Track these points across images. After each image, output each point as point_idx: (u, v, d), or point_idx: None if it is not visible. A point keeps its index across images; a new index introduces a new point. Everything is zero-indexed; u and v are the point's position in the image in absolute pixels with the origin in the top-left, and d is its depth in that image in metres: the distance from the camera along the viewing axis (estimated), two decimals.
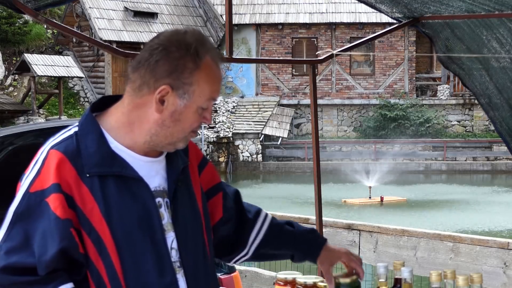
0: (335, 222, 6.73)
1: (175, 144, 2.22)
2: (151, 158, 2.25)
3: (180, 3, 37.37)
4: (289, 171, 32.61)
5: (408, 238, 6.10)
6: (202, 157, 2.46)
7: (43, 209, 2.09)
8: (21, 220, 2.10)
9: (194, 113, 2.19)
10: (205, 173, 2.44)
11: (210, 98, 2.19)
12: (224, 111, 34.58)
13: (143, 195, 2.19)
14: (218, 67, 2.21)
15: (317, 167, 4.75)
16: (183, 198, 2.28)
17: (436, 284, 2.52)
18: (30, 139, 4.15)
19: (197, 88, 2.17)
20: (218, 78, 2.21)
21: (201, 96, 2.18)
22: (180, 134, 2.20)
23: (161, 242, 2.20)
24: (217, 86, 2.21)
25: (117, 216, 2.14)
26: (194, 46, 2.17)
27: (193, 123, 2.20)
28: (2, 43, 34.37)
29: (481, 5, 3.93)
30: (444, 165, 33.05)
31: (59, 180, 2.11)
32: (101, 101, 2.28)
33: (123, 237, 2.14)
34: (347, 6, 36.02)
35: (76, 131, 2.22)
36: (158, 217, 2.20)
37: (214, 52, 2.21)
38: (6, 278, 2.07)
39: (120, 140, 2.20)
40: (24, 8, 3.89)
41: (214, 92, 2.20)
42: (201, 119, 2.21)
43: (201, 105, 2.19)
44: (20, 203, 2.13)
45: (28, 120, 31.37)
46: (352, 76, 36.00)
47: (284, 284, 2.77)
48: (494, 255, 5.56)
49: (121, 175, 2.17)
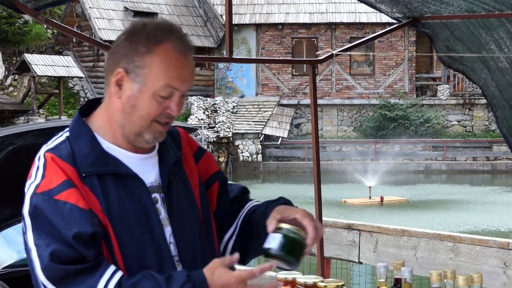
0: (335, 222, 6.73)
1: (143, 135, 2.19)
2: (144, 154, 2.26)
3: (180, 3, 37.38)
4: (289, 171, 32.61)
5: (408, 238, 6.10)
6: (198, 147, 2.45)
7: (53, 206, 2.10)
8: (36, 219, 2.12)
9: (150, 99, 2.16)
10: (202, 162, 2.43)
11: (167, 85, 2.15)
12: (224, 111, 34.58)
13: (140, 191, 2.21)
14: (180, 55, 2.17)
15: (317, 167, 4.75)
16: (178, 192, 2.29)
17: (436, 284, 2.52)
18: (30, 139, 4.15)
19: (149, 72, 2.15)
20: (176, 66, 2.16)
21: (155, 81, 2.15)
22: (142, 123, 2.17)
23: (160, 237, 2.21)
24: (175, 73, 2.16)
25: (117, 213, 2.16)
26: (154, 31, 2.17)
27: (151, 111, 2.16)
28: (2, 43, 34.38)
29: (481, 4, 3.93)
30: (444, 165, 33.06)
31: (67, 176, 2.14)
32: (88, 105, 2.29)
33: (124, 233, 2.16)
34: (347, 6, 36.02)
35: (67, 136, 2.24)
36: (155, 213, 2.22)
37: (179, 41, 2.18)
38: (55, 267, 2.06)
39: (108, 139, 2.23)
40: (24, 8, 3.89)
41: (172, 79, 2.15)
42: (161, 108, 2.17)
43: (157, 92, 2.15)
44: (30, 204, 2.14)
45: (28, 120, 31.37)
46: (352, 76, 36.01)
47: (284, 284, 2.76)
48: (494, 255, 5.56)
49: (116, 173, 2.19)
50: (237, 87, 36.08)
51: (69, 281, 2.07)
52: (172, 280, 2.07)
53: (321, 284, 2.71)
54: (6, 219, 4.51)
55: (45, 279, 2.08)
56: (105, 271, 2.07)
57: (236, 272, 2.10)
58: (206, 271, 2.09)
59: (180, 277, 2.07)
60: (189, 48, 2.21)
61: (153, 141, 2.23)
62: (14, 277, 4.74)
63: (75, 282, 2.06)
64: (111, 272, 2.08)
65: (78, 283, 2.06)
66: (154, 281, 2.07)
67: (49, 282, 2.08)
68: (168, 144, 2.33)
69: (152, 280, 2.07)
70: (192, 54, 2.23)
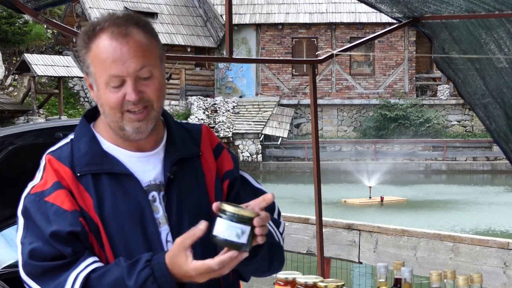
0: (335, 222, 6.72)
1: (124, 128, 2.20)
2: (146, 152, 2.27)
3: (180, 3, 37.37)
4: (289, 171, 32.62)
5: (408, 238, 6.10)
6: (218, 143, 2.43)
7: (41, 206, 2.16)
8: (26, 218, 2.18)
9: (106, 93, 2.18)
10: (220, 159, 2.42)
11: (110, 76, 2.15)
12: (224, 111, 34.59)
13: (134, 190, 2.22)
14: (114, 42, 2.15)
15: (317, 167, 4.75)
16: (181, 190, 2.28)
17: (436, 284, 2.52)
18: (30, 139, 4.15)
19: (94, 69, 2.18)
20: (110, 54, 2.15)
21: (101, 75, 2.17)
22: (114, 117, 2.19)
23: (154, 235, 2.22)
24: (111, 62, 2.15)
25: (109, 211, 2.19)
26: (90, 28, 2.19)
27: (111, 103, 2.17)
28: (2, 43, 34.39)
29: (482, 4, 3.93)
30: (444, 165, 33.06)
31: (58, 178, 2.19)
32: (95, 108, 2.31)
33: (116, 231, 2.19)
34: (347, 6, 36.04)
35: (72, 138, 2.29)
36: (150, 211, 2.22)
37: (113, 26, 2.16)
38: (33, 264, 2.13)
39: (109, 139, 2.26)
40: (24, 8, 3.89)
41: (112, 69, 2.15)
42: (120, 98, 2.16)
43: (108, 84, 2.17)
44: (22, 203, 2.21)
45: (28, 120, 31.38)
46: (352, 76, 36.01)
47: (284, 284, 2.76)
48: (494, 255, 5.56)
49: (112, 172, 2.22)
50: (237, 87, 36.09)
51: (47, 277, 2.13)
52: (135, 266, 2.09)
53: (321, 284, 2.71)
54: (6, 219, 4.51)
55: (24, 275, 2.15)
56: (79, 265, 2.12)
57: (194, 266, 2.06)
58: (167, 257, 2.08)
59: (140, 262, 2.09)
60: (127, 27, 2.17)
61: (136, 132, 2.21)
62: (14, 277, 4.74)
63: (52, 278, 2.12)
64: (84, 265, 2.12)
65: (54, 278, 2.12)
66: (120, 269, 2.10)
67: (29, 278, 2.15)
68: (180, 141, 2.33)
69: (119, 267, 2.11)
70: (135, 29, 2.18)
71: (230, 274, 2.34)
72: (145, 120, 2.19)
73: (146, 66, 2.17)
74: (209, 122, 33.58)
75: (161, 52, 2.24)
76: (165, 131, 2.33)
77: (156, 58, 2.21)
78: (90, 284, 2.10)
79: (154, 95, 2.18)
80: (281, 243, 2.42)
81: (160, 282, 2.06)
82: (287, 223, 6.37)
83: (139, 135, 2.21)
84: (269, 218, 2.11)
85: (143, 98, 2.17)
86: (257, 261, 2.22)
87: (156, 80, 2.19)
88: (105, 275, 2.10)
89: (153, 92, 2.18)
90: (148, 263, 2.08)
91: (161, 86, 2.21)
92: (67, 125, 4.54)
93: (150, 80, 2.18)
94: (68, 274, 2.11)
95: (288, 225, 6.38)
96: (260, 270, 2.34)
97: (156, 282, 2.06)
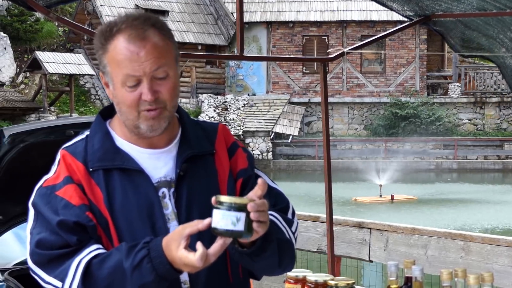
0: (345, 220, 6.72)
1: (139, 126, 2.24)
2: (158, 149, 2.31)
3: (191, 1, 37.40)
4: (300, 169, 32.60)
5: (419, 236, 6.09)
6: (233, 142, 2.44)
7: (51, 200, 2.22)
8: (36, 210, 2.24)
9: (122, 92, 2.22)
10: (234, 157, 2.43)
11: (127, 76, 2.20)
12: (235, 109, 34.59)
13: (145, 186, 2.26)
14: (130, 44, 2.19)
15: (327, 165, 4.75)
16: (191, 187, 2.30)
17: (447, 282, 2.52)
18: (41, 136, 4.16)
19: (111, 69, 2.23)
20: (127, 56, 2.20)
21: (117, 76, 2.21)
22: (130, 115, 2.23)
23: (162, 231, 2.23)
24: (128, 63, 2.19)
25: (119, 206, 2.23)
26: (106, 29, 2.23)
27: (128, 103, 2.21)
28: (14, 40, 34.48)
29: (493, 2, 3.92)
30: (455, 163, 32.98)
31: (69, 173, 2.25)
32: (111, 106, 2.35)
33: (124, 226, 2.23)
34: (358, 4, 35.98)
35: (87, 134, 2.34)
36: (159, 207, 2.25)
37: (129, 28, 2.20)
38: (40, 253, 2.19)
39: (122, 136, 2.31)
40: (36, 6, 3.90)
41: (128, 69, 2.19)
42: (137, 97, 2.20)
43: (124, 84, 2.21)
44: (34, 195, 2.27)
45: (39, 118, 31.46)
46: (363, 74, 35.96)
47: (294, 282, 2.77)
48: (505, 254, 5.55)
49: (123, 168, 2.26)
50: (247, 85, 36.09)
51: (53, 264, 2.19)
52: (134, 247, 2.13)
53: (332, 282, 2.71)
54: (17, 216, 4.53)
55: (31, 263, 2.22)
56: (83, 251, 2.17)
57: (180, 254, 2.07)
58: (164, 240, 2.11)
59: (139, 245, 2.13)
60: (145, 30, 2.20)
61: (151, 130, 2.25)
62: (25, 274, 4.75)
63: (58, 265, 2.18)
64: (88, 251, 2.17)
65: (59, 265, 2.18)
66: (120, 253, 2.14)
67: (36, 266, 2.21)
68: (194, 138, 2.35)
69: (119, 251, 2.15)
70: (152, 31, 2.21)
71: (240, 271, 2.36)
72: (158, 118, 2.24)
73: (162, 66, 2.21)
74: (219, 120, 33.59)
75: (176, 53, 2.28)
76: (179, 129, 2.36)
77: (172, 59, 2.25)
78: (91, 268, 2.15)
79: (168, 95, 2.23)
80: (293, 241, 2.42)
81: (155, 262, 2.09)
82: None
83: (153, 133, 2.26)
84: (266, 205, 2.11)
85: (158, 98, 2.22)
86: (266, 257, 2.22)
87: (171, 80, 2.24)
88: (106, 260, 2.15)
89: (168, 91, 2.23)
90: (146, 245, 2.12)
91: (176, 86, 2.26)
92: (78, 123, 4.55)
93: (165, 80, 2.23)
94: (72, 260, 2.17)
95: (298, 223, 6.38)
96: (270, 267, 2.33)
97: (151, 262, 2.10)
